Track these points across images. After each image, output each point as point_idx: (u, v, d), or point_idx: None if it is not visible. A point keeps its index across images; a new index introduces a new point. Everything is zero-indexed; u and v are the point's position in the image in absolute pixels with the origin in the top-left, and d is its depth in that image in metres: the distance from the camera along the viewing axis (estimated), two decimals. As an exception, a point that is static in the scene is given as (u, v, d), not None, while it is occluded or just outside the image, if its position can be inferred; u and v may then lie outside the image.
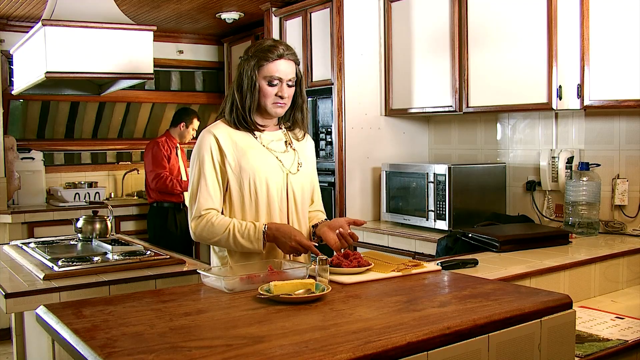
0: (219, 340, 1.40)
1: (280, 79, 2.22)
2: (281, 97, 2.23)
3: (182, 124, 5.21)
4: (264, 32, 4.84)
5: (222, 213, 2.25)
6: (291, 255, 2.23)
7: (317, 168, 2.51)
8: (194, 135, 5.22)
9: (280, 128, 2.37)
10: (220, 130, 2.25)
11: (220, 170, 2.23)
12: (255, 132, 2.28)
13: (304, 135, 2.42)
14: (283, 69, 2.22)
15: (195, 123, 5.28)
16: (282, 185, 2.27)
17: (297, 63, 2.28)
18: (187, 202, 2.33)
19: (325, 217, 2.44)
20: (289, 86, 2.25)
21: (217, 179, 2.22)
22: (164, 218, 5.05)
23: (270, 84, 2.21)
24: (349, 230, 2.22)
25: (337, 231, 2.22)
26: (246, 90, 2.22)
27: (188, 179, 2.53)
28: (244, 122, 2.24)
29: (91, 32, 3.22)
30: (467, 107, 3.62)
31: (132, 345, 1.37)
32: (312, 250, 2.18)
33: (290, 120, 2.37)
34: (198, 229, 2.21)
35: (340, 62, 4.10)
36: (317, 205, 2.47)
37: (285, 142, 2.34)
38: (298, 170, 2.32)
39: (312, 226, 2.36)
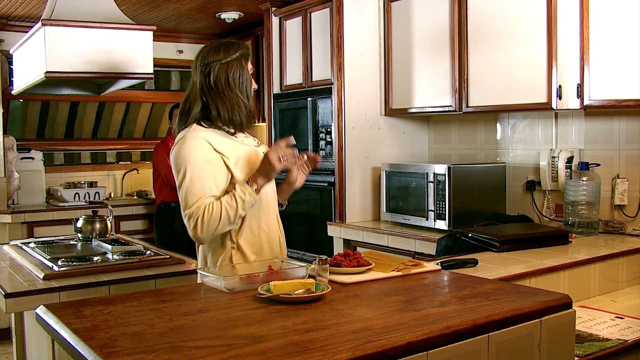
0: (219, 340, 1.40)
1: None
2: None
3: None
4: (264, 32, 4.84)
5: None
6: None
7: (317, 168, 2.49)
8: None
9: None
10: (206, 133, 2.16)
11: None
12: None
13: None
14: None
15: None
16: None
17: None
18: None
19: None
20: None
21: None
22: (171, 218, 5.06)
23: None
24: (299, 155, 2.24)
25: (297, 163, 2.24)
26: (245, 86, 2.23)
27: None
28: (250, 118, 2.25)
29: (91, 32, 3.22)
30: (467, 107, 3.62)
31: (132, 345, 1.37)
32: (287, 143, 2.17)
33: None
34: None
35: (340, 62, 4.10)
36: None
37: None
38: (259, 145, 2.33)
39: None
